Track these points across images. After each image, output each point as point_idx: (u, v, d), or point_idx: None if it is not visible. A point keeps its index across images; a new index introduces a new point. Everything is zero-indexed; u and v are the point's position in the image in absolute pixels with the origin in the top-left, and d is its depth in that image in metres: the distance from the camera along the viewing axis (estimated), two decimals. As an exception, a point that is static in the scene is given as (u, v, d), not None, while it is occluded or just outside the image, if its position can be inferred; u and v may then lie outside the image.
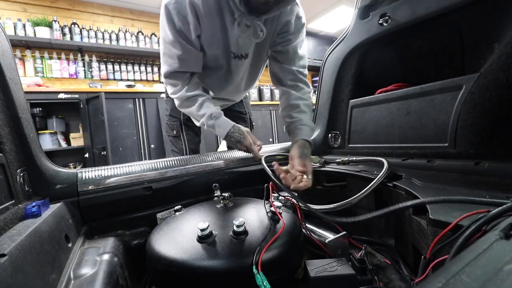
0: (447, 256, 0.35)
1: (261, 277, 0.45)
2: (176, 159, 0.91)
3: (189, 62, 0.95)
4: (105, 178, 0.77)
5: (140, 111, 3.15)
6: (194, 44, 0.92)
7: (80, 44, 3.30)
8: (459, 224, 0.39)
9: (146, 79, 3.85)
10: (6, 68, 0.58)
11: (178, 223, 0.63)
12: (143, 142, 3.15)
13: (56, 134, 2.97)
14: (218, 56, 0.98)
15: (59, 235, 0.56)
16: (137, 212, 0.80)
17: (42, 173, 0.66)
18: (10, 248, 0.38)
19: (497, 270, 0.21)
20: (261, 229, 0.57)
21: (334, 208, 0.72)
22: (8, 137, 0.56)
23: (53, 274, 0.46)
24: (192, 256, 0.50)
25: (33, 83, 2.84)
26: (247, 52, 1.01)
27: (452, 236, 0.39)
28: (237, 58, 1.00)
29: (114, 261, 0.57)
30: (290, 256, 0.56)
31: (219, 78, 1.08)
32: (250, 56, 1.03)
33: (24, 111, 0.63)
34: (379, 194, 0.74)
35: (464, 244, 0.33)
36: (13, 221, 0.49)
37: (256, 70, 1.14)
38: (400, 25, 0.95)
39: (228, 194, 0.70)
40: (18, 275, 0.37)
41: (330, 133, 1.21)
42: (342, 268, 0.53)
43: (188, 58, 0.93)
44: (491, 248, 0.25)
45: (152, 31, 3.97)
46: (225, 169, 0.96)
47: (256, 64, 1.10)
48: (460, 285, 0.20)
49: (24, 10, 3.20)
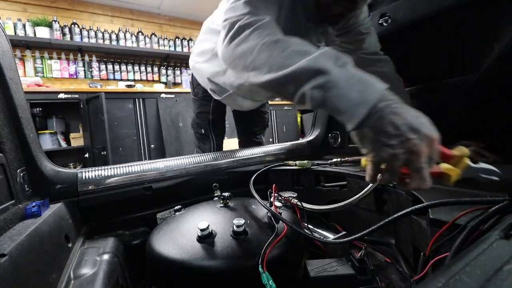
0: (447, 254, 0.35)
1: (266, 277, 0.45)
2: (176, 159, 0.91)
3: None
4: (105, 178, 0.77)
5: (140, 111, 3.15)
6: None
7: (80, 44, 3.30)
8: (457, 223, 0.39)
9: (146, 79, 3.85)
10: (6, 68, 0.58)
11: (178, 223, 0.63)
12: (143, 142, 3.15)
13: (56, 134, 2.97)
14: None
15: (59, 235, 0.56)
16: (137, 212, 0.80)
17: (42, 173, 0.66)
18: (10, 248, 0.38)
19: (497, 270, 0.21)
20: (261, 229, 0.57)
21: (334, 209, 0.72)
22: (8, 137, 0.56)
23: (53, 274, 0.46)
24: (192, 256, 0.50)
25: (33, 83, 2.84)
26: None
27: (451, 233, 0.39)
28: None
29: (114, 261, 0.57)
30: (290, 256, 0.56)
31: None
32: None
33: (24, 111, 0.63)
34: (379, 194, 0.74)
35: (463, 242, 0.33)
36: (13, 221, 0.49)
37: None
38: (400, 25, 0.95)
39: (228, 194, 0.70)
40: (18, 275, 0.37)
41: (330, 133, 1.21)
42: (342, 268, 0.53)
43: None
44: (491, 248, 0.25)
45: (152, 31, 3.97)
46: (225, 169, 0.96)
47: None
48: (460, 285, 0.20)
49: (24, 10, 3.20)
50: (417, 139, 0.38)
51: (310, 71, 0.46)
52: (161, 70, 3.99)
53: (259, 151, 1.08)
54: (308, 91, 0.46)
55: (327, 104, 0.45)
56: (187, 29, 4.40)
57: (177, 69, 4.11)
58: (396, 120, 0.39)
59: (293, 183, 1.01)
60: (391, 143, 0.39)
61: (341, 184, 0.88)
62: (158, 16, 4.15)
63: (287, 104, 4.28)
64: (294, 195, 0.78)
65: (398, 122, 0.39)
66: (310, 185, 0.97)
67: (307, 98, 0.47)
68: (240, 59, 0.58)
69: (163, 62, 4.04)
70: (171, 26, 4.26)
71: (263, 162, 1.06)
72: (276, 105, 4.12)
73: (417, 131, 0.39)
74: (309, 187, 0.97)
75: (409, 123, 0.39)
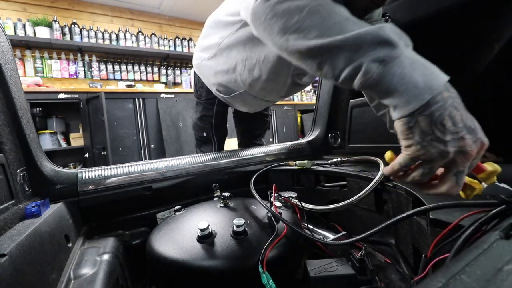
0: (447, 255, 0.35)
1: (266, 277, 0.45)
2: (176, 159, 0.91)
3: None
4: (105, 178, 0.77)
5: (140, 111, 3.15)
6: None
7: (80, 44, 3.30)
8: (459, 224, 0.39)
9: (146, 79, 3.85)
10: (6, 68, 0.58)
11: (178, 223, 0.63)
12: (143, 142, 3.15)
13: (56, 134, 2.97)
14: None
15: (59, 235, 0.56)
16: (137, 212, 0.80)
17: (42, 173, 0.66)
18: (10, 248, 0.38)
19: (497, 270, 0.21)
20: (261, 230, 0.57)
21: (334, 209, 0.72)
22: (8, 137, 0.56)
23: (53, 274, 0.46)
24: (192, 256, 0.50)
25: (33, 83, 2.84)
26: None
27: (452, 235, 0.39)
28: None
29: (114, 261, 0.57)
30: (290, 256, 0.56)
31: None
32: None
33: (24, 111, 0.63)
34: (379, 194, 0.74)
35: (464, 244, 0.33)
36: (13, 221, 0.49)
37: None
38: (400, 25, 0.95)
39: (228, 194, 0.70)
40: (18, 275, 0.37)
41: (330, 133, 1.21)
42: (342, 268, 0.52)
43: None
44: (491, 248, 0.25)
45: (152, 31, 3.97)
46: (225, 169, 0.96)
47: None
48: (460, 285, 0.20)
49: (24, 10, 3.20)
50: (471, 140, 0.35)
51: (375, 39, 0.39)
52: (161, 70, 3.99)
53: (259, 151, 1.08)
54: (366, 63, 0.39)
55: (382, 82, 0.38)
56: (187, 29, 4.40)
57: (177, 69, 4.11)
58: (456, 115, 0.36)
59: (293, 183, 1.01)
60: (445, 139, 0.35)
61: (341, 184, 0.88)
62: (158, 16, 4.15)
63: (287, 104, 4.28)
64: (294, 195, 0.78)
65: (457, 118, 0.35)
66: (310, 185, 0.97)
67: (362, 72, 0.40)
68: (281, 18, 0.49)
69: (163, 62, 4.04)
70: (171, 26, 4.26)
71: (263, 162, 1.06)
72: (276, 105, 4.12)
73: (473, 132, 0.36)
74: (309, 187, 0.97)
75: (467, 122, 0.36)
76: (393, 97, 0.38)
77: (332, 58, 0.43)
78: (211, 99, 1.15)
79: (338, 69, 0.43)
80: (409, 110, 0.37)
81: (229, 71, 0.95)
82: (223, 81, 1.00)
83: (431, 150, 0.36)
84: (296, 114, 4.42)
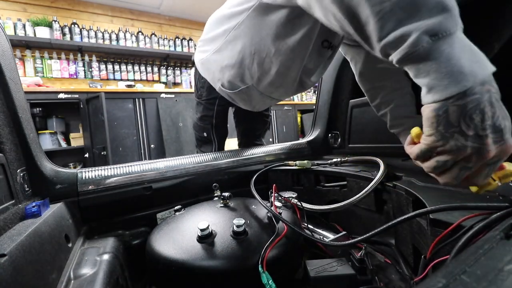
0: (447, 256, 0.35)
1: (266, 277, 0.45)
2: (176, 159, 0.91)
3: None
4: (105, 178, 0.77)
5: (140, 111, 3.15)
6: None
7: (80, 44, 3.30)
8: (460, 225, 0.39)
9: (146, 79, 3.85)
10: (6, 68, 0.58)
11: (178, 223, 0.63)
12: (143, 142, 3.15)
13: (56, 134, 2.97)
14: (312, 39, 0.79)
15: (59, 235, 0.56)
16: (137, 212, 0.80)
17: (42, 173, 0.66)
18: (10, 248, 0.38)
19: (497, 270, 0.21)
20: (261, 230, 0.57)
21: (334, 209, 0.72)
22: (8, 137, 0.56)
23: (53, 274, 0.46)
24: (192, 256, 0.50)
25: (33, 83, 2.84)
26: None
27: (452, 236, 0.39)
28: (325, 47, 0.86)
29: (114, 261, 0.57)
30: (290, 256, 0.56)
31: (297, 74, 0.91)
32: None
33: (24, 111, 0.63)
34: (379, 194, 0.74)
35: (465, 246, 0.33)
36: (13, 221, 0.49)
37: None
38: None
39: (228, 194, 0.70)
40: (18, 275, 0.37)
41: (330, 133, 1.21)
42: (342, 268, 0.52)
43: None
44: (492, 248, 0.25)
45: (152, 31, 3.97)
46: (225, 169, 0.96)
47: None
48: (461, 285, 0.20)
49: (24, 10, 3.20)
50: (492, 140, 0.34)
51: (438, 5, 0.34)
52: (161, 70, 3.99)
53: (259, 151, 1.08)
54: (417, 32, 0.34)
55: (427, 59, 0.35)
56: (187, 29, 4.40)
57: (177, 69, 4.11)
58: (488, 111, 0.33)
59: (293, 183, 1.01)
60: (468, 133, 0.34)
61: (341, 184, 0.88)
62: (158, 16, 4.15)
63: (287, 104, 4.28)
64: (294, 195, 0.78)
65: (488, 114, 0.33)
66: (310, 185, 0.97)
67: (408, 42, 0.35)
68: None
69: (163, 62, 4.04)
70: (171, 26, 4.26)
71: (263, 162, 1.06)
72: (276, 105, 4.12)
73: (500, 132, 0.34)
74: (309, 187, 0.97)
75: (497, 120, 0.34)
76: (432, 78, 0.35)
77: (382, 14, 0.37)
78: (211, 99, 1.14)
79: (385, 30, 0.37)
80: (446, 95, 0.34)
81: (235, 65, 0.93)
82: (230, 75, 0.97)
83: (450, 142, 0.35)
84: (296, 114, 4.42)
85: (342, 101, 1.15)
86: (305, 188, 0.98)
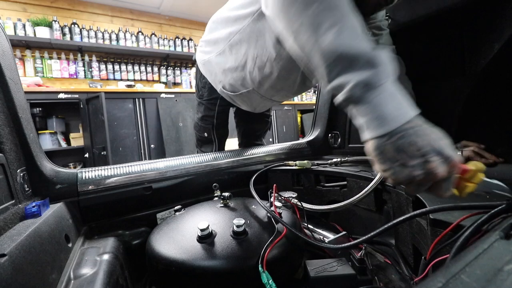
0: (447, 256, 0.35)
1: (266, 276, 0.45)
2: (176, 159, 0.91)
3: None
4: (105, 178, 0.77)
5: (140, 111, 3.15)
6: None
7: (80, 44, 3.30)
8: (460, 225, 0.39)
9: (146, 79, 3.85)
10: (6, 68, 0.58)
11: (178, 223, 0.63)
12: (143, 142, 3.15)
13: (56, 134, 2.97)
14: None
15: (59, 235, 0.56)
16: (137, 212, 0.80)
17: (42, 173, 0.66)
18: (10, 248, 0.38)
19: (497, 270, 0.21)
20: (261, 229, 0.57)
21: (334, 209, 0.72)
22: (8, 137, 0.56)
23: (53, 274, 0.46)
24: (192, 256, 0.50)
25: (33, 83, 2.84)
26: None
27: (452, 236, 0.39)
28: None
29: (114, 261, 0.57)
30: (290, 256, 0.56)
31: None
32: None
33: (24, 111, 0.63)
34: (379, 194, 0.74)
35: (464, 245, 0.33)
36: (13, 221, 0.49)
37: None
38: (400, 25, 0.95)
39: (228, 194, 0.70)
40: (18, 275, 0.37)
41: (330, 133, 1.20)
42: (342, 268, 0.52)
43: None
44: (491, 248, 0.25)
45: (152, 31, 3.97)
46: (225, 169, 0.96)
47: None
48: (460, 285, 0.20)
49: (24, 10, 3.20)
50: (438, 162, 0.38)
51: (369, 61, 0.42)
52: (161, 70, 3.99)
53: (259, 151, 1.08)
54: (353, 82, 0.42)
55: (360, 104, 0.42)
56: (187, 29, 4.40)
57: (177, 69, 4.11)
58: (418, 141, 0.39)
59: (293, 183, 1.01)
60: (410, 164, 0.39)
61: (341, 184, 0.88)
62: (158, 16, 4.15)
63: (287, 104, 4.28)
64: (294, 195, 0.78)
65: (419, 144, 0.38)
66: (310, 185, 0.97)
67: (346, 89, 0.43)
68: (291, 16, 0.50)
69: (163, 62, 4.04)
70: (171, 26, 4.26)
71: (263, 162, 1.06)
72: (276, 105, 4.12)
73: (441, 153, 0.38)
74: (309, 187, 0.97)
75: (434, 144, 0.38)
76: (365, 120, 0.43)
77: (328, 63, 0.45)
78: (213, 99, 1.14)
79: (331, 76, 0.45)
80: (377, 134, 0.41)
81: (238, 68, 0.93)
82: (232, 78, 0.98)
83: (399, 176, 0.40)
84: (296, 114, 4.42)
85: (342, 101, 1.15)
86: (305, 188, 0.98)
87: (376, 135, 0.41)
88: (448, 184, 0.39)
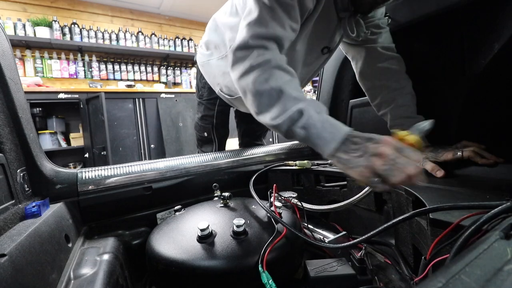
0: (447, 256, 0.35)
1: (266, 276, 0.45)
2: (176, 159, 0.91)
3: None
4: (105, 178, 0.77)
5: (140, 111, 3.15)
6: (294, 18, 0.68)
7: (80, 44, 3.30)
8: (459, 224, 0.39)
9: (146, 79, 3.85)
10: (6, 68, 0.58)
11: (178, 223, 0.63)
12: (143, 142, 3.15)
13: (56, 134, 2.97)
14: (313, 49, 0.85)
15: (59, 235, 0.56)
16: (137, 212, 0.80)
17: (42, 173, 0.66)
18: (10, 248, 0.38)
19: (497, 270, 0.21)
20: (261, 229, 0.57)
21: (334, 209, 0.72)
22: (8, 137, 0.56)
23: (53, 274, 0.46)
24: (192, 256, 0.50)
25: (33, 83, 2.84)
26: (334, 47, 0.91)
27: (452, 236, 0.39)
28: (325, 53, 0.90)
29: (114, 261, 0.57)
30: (290, 256, 0.56)
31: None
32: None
33: (24, 111, 0.63)
34: (379, 194, 0.74)
35: (464, 245, 0.33)
36: (13, 221, 0.49)
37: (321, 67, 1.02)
38: (400, 25, 0.95)
39: (228, 194, 0.70)
40: (18, 275, 0.37)
41: (330, 133, 1.20)
42: (342, 268, 0.52)
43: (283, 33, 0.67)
44: (491, 248, 0.25)
45: (152, 31, 3.97)
46: (225, 169, 0.96)
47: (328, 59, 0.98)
48: (460, 285, 0.20)
49: (24, 10, 3.20)
50: (374, 143, 0.50)
51: (302, 115, 0.58)
52: (161, 70, 3.99)
53: (259, 151, 1.08)
54: (297, 128, 0.59)
55: (307, 140, 0.59)
56: (187, 29, 4.40)
57: (177, 69, 4.11)
58: (355, 140, 0.53)
59: (293, 183, 1.01)
60: (358, 154, 0.51)
61: (341, 184, 0.88)
62: (158, 16, 4.15)
63: (287, 104, 4.28)
64: (294, 195, 0.78)
65: (356, 140, 0.52)
66: (310, 185, 0.97)
67: (295, 133, 0.60)
68: (242, 90, 0.70)
69: (163, 62, 4.04)
70: (171, 26, 4.26)
71: (263, 162, 1.06)
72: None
73: (371, 139, 0.51)
74: (309, 187, 0.97)
75: (364, 137, 0.52)
76: (316, 147, 0.58)
77: (282, 125, 0.61)
78: (212, 99, 1.14)
79: (283, 129, 0.61)
80: (327, 154, 0.56)
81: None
82: (230, 81, 0.98)
83: (358, 177, 0.52)
84: (296, 114, 4.41)
85: (342, 101, 1.15)
86: (305, 188, 0.98)
87: (327, 155, 0.56)
88: (405, 163, 0.47)
